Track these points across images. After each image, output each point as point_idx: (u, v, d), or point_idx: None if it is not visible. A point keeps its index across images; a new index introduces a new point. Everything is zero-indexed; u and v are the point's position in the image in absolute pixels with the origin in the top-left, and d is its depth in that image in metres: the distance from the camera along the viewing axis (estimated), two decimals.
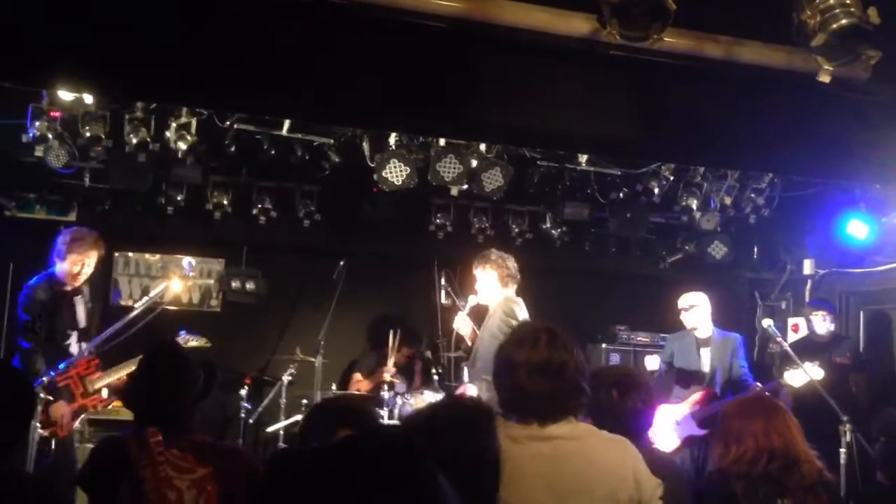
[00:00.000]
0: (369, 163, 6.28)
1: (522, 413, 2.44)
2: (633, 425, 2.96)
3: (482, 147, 6.34)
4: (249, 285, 7.46)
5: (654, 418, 3.20)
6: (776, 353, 7.54)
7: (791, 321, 7.85)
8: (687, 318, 6.40)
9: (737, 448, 3.07)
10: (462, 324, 5.68)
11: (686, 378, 6.32)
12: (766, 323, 6.05)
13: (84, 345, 5.37)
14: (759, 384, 6.08)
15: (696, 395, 6.14)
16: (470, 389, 5.30)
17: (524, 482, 2.33)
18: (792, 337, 7.55)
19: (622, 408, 2.92)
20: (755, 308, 8.24)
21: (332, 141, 6.34)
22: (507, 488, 2.28)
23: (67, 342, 5.38)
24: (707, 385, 6.22)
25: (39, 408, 4.73)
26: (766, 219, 7.23)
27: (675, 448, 6.02)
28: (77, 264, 5.37)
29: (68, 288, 5.41)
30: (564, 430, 2.42)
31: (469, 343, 5.74)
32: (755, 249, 8.11)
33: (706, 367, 6.30)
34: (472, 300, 5.69)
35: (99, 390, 5.32)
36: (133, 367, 5.01)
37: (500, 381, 2.51)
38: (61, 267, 5.37)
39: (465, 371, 6.29)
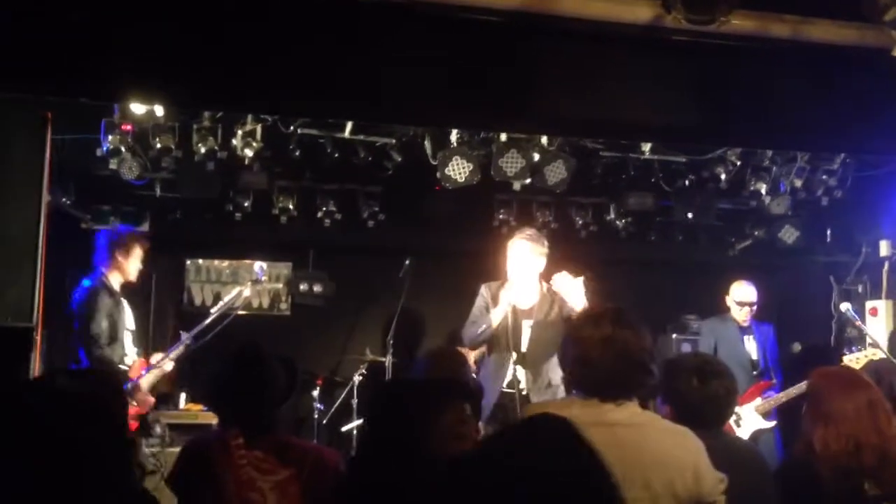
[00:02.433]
0: (431, 161, 6.30)
1: (585, 386, 2.46)
2: (714, 414, 2.90)
3: (544, 140, 6.30)
4: (317, 287, 7.57)
5: (735, 407, 3.13)
6: (853, 337, 7.33)
7: (869, 304, 7.60)
8: (741, 313, 6.18)
9: (823, 430, 2.95)
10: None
11: (735, 368, 6.13)
12: (844, 307, 5.88)
13: (136, 348, 5.50)
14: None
15: (751, 388, 5.95)
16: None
17: None
18: (870, 321, 7.33)
19: (703, 395, 2.84)
20: (830, 293, 8.01)
21: (393, 141, 6.38)
22: None
23: (124, 345, 5.43)
24: (758, 374, 6.08)
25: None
26: (838, 200, 7.03)
27: None
28: (134, 265, 5.45)
29: (117, 289, 5.44)
30: (624, 416, 2.41)
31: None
32: (828, 232, 7.88)
33: (754, 355, 6.15)
34: (510, 292, 4.80)
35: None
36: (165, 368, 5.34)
37: (565, 355, 2.56)
38: (117, 268, 5.40)
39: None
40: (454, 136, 6.20)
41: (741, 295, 6.21)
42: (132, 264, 5.47)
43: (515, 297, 4.81)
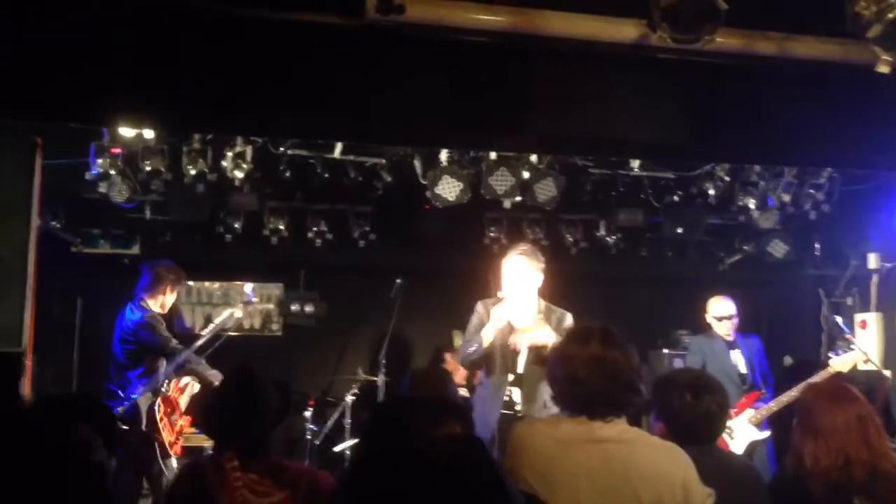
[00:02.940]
0: (421, 180, 6.32)
1: (573, 405, 2.47)
2: (707, 430, 2.90)
3: (533, 158, 6.34)
4: (308, 308, 7.56)
5: (727, 422, 3.13)
6: (844, 350, 7.36)
7: (858, 317, 7.64)
8: (721, 327, 6.21)
9: (813, 445, 2.94)
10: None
11: (725, 383, 6.15)
12: (835, 320, 5.91)
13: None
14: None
15: (742, 400, 5.97)
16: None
17: (570, 485, 2.35)
18: (860, 333, 7.36)
19: (696, 411, 2.84)
20: (820, 306, 8.05)
21: (383, 161, 6.40)
22: (553, 491, 2.30)
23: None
24: (748, 387, 6.10)
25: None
26: (826, 214, 7.07)
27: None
28: (171, 299, 5.84)
29: None
30: (614, 433, 2.42)
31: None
32: (817, 246, 7.93)
33: (742, 368, 6.17)
34: (504, 309, 4.61)
35: None
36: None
37: (554, 373, 2.56)
38: (160, 299, 5.78)
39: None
40: (444, 155, 6.22)
41: (718, 310, 6.25)
42: (169, 298, 5.87)
43: (509, 314, 4.67)
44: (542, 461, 2.39)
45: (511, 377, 4.64)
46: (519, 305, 4.71)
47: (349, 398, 6.75)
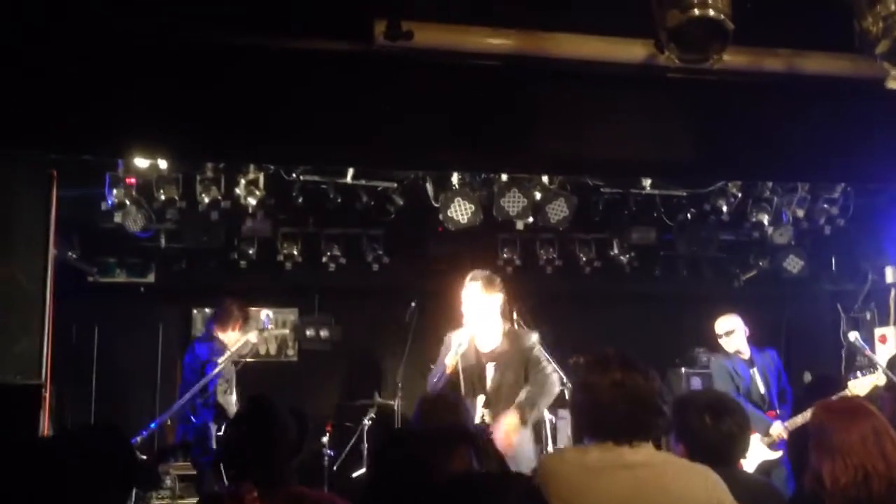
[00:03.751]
0: (433, 203, 6.35)
1: (599, 432, 2.45)
2: (727, 452, 2.89)
3: (545, 179, 6.35)
4: (324, 332, 7.57)
5: (748, 444, 3.11)
6: (864, 366, 7.29)
7: (878, 332, 7.58)
8: (729, 343, 6.22)
9: (831, 464, 2.92)
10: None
11: (748, 405, 6.13)
12: (853, 336, 5.88)
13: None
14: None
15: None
16: None
17: None
18: (880, 348, 7.30)
19: (717, 433, 2.83)
20: (838, 321, 7.99)
21: (395, 184, 6.43)
22: None
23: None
24: (767, 406, 6.06)
25: None
26: (841, 228, 7.05)
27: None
28: (239, 334, 5.97)
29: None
30: (642, 457, 2.40)
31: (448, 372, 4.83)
32: (833, 261, 7.89)
33: (762, 388, 6.15)
34: (463, 335, 4.82)
35: None
36: None
37: (577, 402, 2.57)
38: (229, 333, 5.94)
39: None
40: (455, 178, 6.25)
41: (720, 326, 6.27)
42: (233, 335, 5.96)
43: (471, 338, 4.81)
44: (572, 490, 2.37)
45: (482, 398, 4.75)
46: (482, 330, 4.84)
47: (366, 422, 6.73)
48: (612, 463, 2.39)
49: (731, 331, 6.20)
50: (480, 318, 4.86)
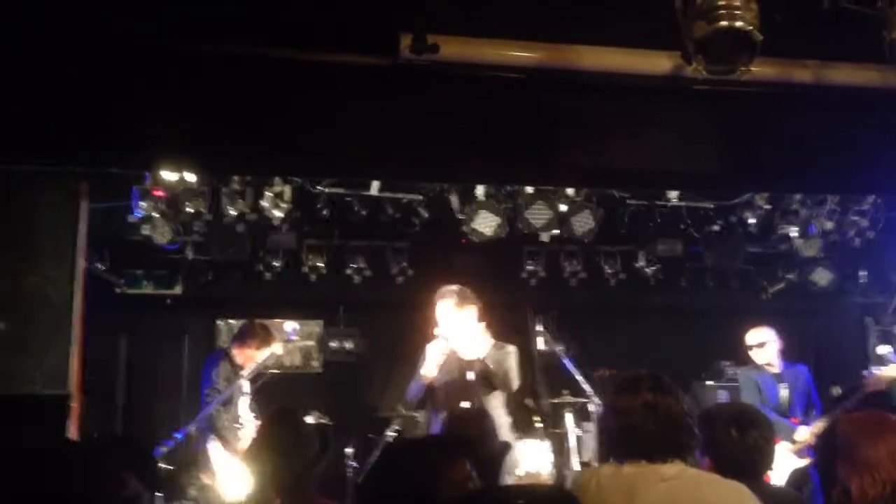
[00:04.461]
0: (458, 215, 6.35)
1: (632, 453, 2.45)
2: (753, 464, 2.86)
3: (570, 191, 6.33)
4: (348, 344, 7.58)
5: (774, 456, 3.08)
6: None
7: None
8: (759, 356, 6.19)
9: (859, 479, 2.88)
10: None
11: (775, 417, 6.10)
12: (884, 350, 5.81)
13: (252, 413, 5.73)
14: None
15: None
16: None
17: None
18: None
19: (743, 446, 2.82)
20: (867, 335, 7.87)
21: (420, 197, 6.44)
22: None
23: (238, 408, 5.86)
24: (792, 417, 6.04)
25: None
26: (871, 241, 6.96)
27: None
28: (259, 354, 5.89)
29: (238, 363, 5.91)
30: (674, 472, 2.40)
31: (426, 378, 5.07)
32: (862, 273, 7.78)
33: (788, 402, 6.13)
34: (441, 345, 5.03)
35: None
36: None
37: (607, 426, 2.57)
38: (246, 353, 5.87)
39: (570, 418, 6.21)
40: (480, 190, 6.25)
41: (751, 338, 6.25)
42: (255, 354, 5.86)
43: (436, 352, 4.98)
44: (607, 502, 2.38)
45: (467, 405, 4.87)
46: (463, 341, 5.05)
47: (390, 434, 6.72)
48: (647, 476, 2.38)
49: (763, 343, 6.17)
50: (458, 332, 5.04)
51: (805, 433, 5.83)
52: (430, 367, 4.98)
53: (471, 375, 4.99)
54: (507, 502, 1.36)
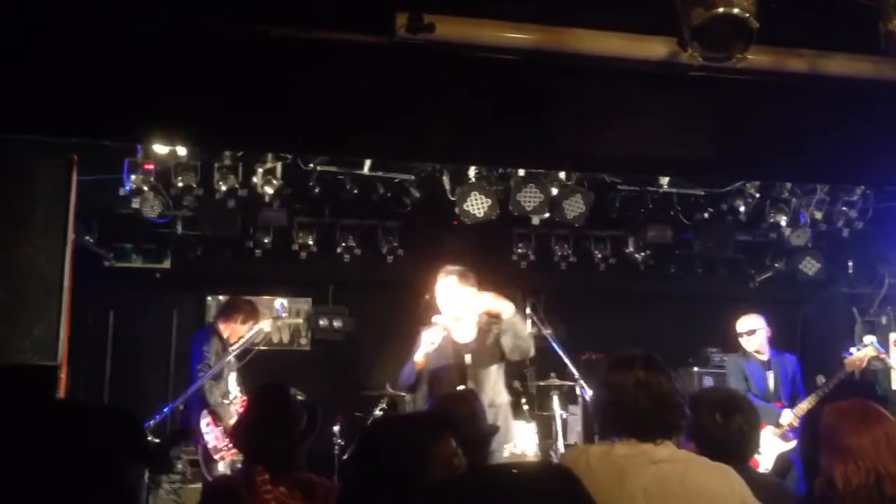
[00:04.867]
0: (450, 196, 6.35)
1: (622, 429, 2.49)
2: (738, 449, 2.89)
3: (562, 175, 6.34)
4: (337, 323, 7.60)
5: (759, 441, 3.11)
6: (879, 370, 7.27)
7: (893, 336, 7.54)
8: (749, 343, 6.27)
9: (843, 467, 2.91)
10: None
11: (761, 404, 6.16)
12: (869, 339, 5.87)
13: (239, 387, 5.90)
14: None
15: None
16: None
17: None
18: (894, 352, 7.25)
19: (727, 431, 2.85)
20: (853, 325, 7.95)
21: (412, 177, 6.44)
22: None
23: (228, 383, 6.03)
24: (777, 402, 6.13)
25: None
26: (859, 231, 7.01)
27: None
28: (244, 328, 6.07)
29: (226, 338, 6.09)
30: (665, 454, 2.43)
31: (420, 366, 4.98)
32: (850, 264, 7.84)
33: (774, 390, 6.21)
34: (437, 333, 4.93)
35: None
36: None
37: (599, 403, 2.62)
38: (231, 327, 6.06)
39: (557, 400, 6.26)
40: (472, 171, 6.25)
41: (742, 325, 6.31)
42: (240, 328, 6.05)
43: (437, 337, 4.90)
44: (596, 483, 2.39)
45: (463, 388, 4.77)
46: (459, 323, 4.97)
47: (377, 413, 6.75)
48: (637, 458, 2.41)
49: (753, 330, 6.24)
50: (457, 312, 4.98)
51: (789, 416, 5.91)
52: (421, 353, 4.93)
53: (468, 359, 4.94)
54: (502, 476, 1.37)
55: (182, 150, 5.77)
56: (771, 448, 5.83)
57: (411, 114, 4.14)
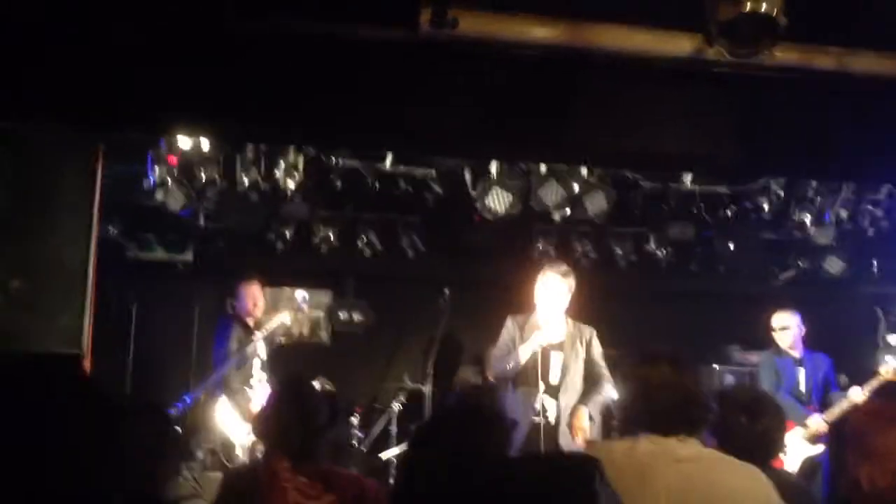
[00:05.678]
0: (471, 192, 6.34)
1: (646, 423, 2.47)
2: (762, 451, 2.87)
3: (584, 171, 6.31)
4: (357, 316, 7.62)
5: (784, 443, 3.09)
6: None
7: None
8: (782, 339, 6.22)
9: (869, 468, 2.88)
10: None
11: (792, 402, 6.10)
12: (893, 339, 5.83)
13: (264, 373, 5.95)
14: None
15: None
16: None
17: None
18: None
19: (752, 433, 2.83)
20: (877, 324, 7.86)
21: (434, 172, 6.44)
22: None
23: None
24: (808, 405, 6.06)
25: None
26: (885, 230, 6.94)
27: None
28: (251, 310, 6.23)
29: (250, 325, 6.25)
30: (690, 452, 2.41)
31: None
32: (874, 263, 7.76)
33: (805, 388, 6.15)
34: (547, 333, 4.89)
35: None
36: None
37: (623, 398, 2.64)
38: (248, 308, 6.23)
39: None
40: (494, 167, 6.24)
41: (776, 321, 6.26)
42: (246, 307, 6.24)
43: (548, 337, 4.88)
44: (621, 480, 2.39)
45: (543, 386, 4.85)
46: (552, 320, 4.94)
47: (396, 406, 6.77)
48: (661, 456, 2.40)
49: (786, 327, 6.20)
50: (555, 308, 4.97)
51: (818, 421, 5.83)
52: (528, 350, 4.90)
53: (555, 357, 4.95)
54: (531, 466, 1.38)
55: (206, 144, 5.80)
56: (797, 450, 5.78)
57: (434, 108, 4.15)
